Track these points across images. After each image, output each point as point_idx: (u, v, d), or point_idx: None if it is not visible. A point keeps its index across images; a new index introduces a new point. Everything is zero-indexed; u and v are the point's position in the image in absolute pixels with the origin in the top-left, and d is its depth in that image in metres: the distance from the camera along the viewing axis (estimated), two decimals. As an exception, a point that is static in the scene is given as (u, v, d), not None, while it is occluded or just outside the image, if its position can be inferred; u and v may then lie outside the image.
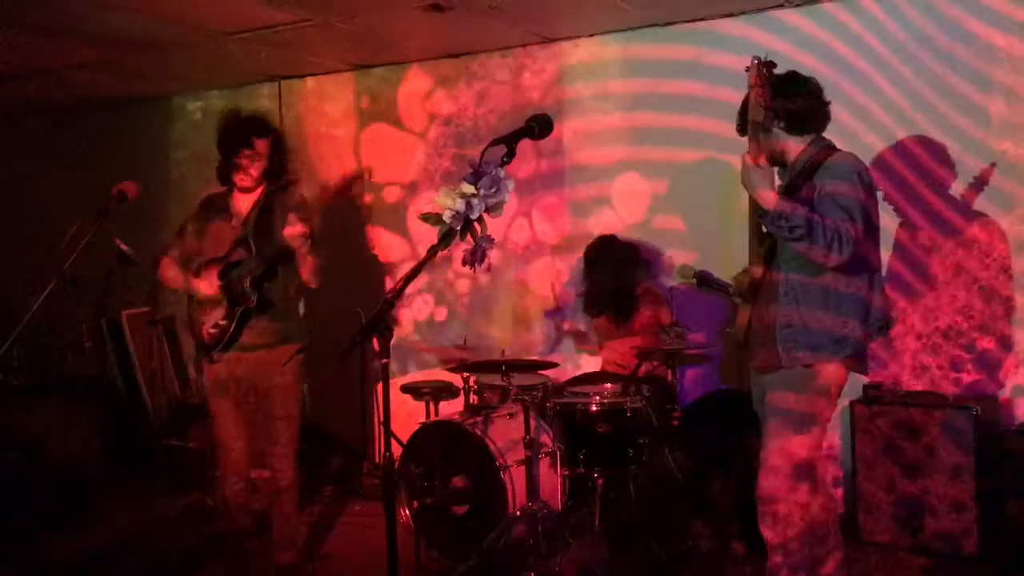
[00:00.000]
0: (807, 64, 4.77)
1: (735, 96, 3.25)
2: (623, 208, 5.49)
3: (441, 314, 6.12)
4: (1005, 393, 4.48)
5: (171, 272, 4.01)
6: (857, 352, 3.15)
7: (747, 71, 2.99)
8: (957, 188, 4.58)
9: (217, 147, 3.97)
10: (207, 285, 3.86)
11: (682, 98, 5.26)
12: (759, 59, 2.95)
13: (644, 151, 5.42)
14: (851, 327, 3.09)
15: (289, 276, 3.90)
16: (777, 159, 3.22)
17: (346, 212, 6.35)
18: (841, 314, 3.08)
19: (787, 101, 3.09)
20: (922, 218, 4.66)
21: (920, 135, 4.65)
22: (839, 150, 3.19)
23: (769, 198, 2.97)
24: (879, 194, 3.70)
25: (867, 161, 3.23)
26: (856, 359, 3.17)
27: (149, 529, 4.96)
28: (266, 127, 3.95)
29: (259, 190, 3.97)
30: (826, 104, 3.22)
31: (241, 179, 3.92)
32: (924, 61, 4.63)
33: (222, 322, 3.84)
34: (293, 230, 3.60)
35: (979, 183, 4.50)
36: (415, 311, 6.18)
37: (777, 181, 3.18)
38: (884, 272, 3.44)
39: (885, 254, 4.37)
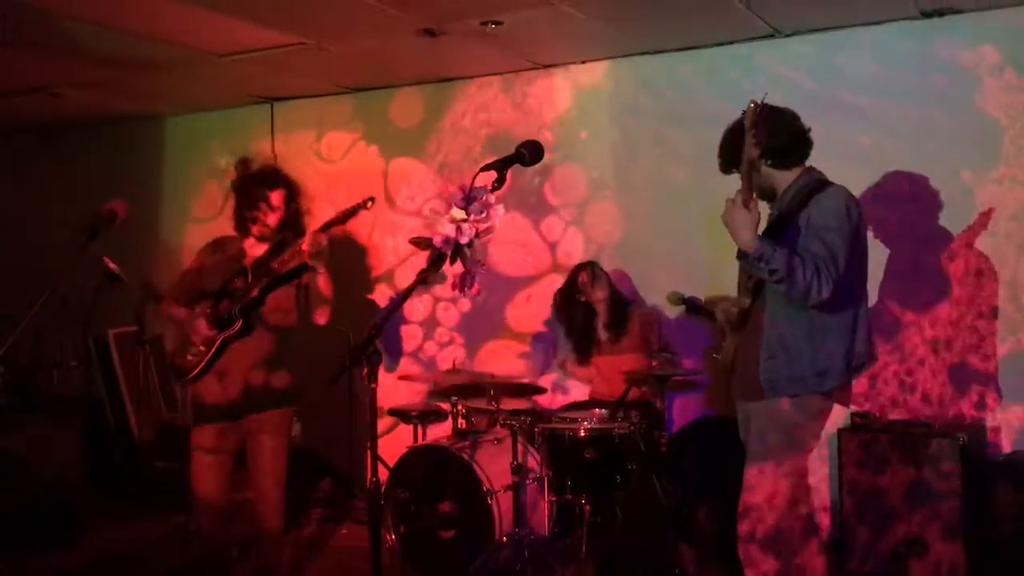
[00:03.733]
0: (797, 93, 4.83)
1: (724, 121, 3.26)
2: (610, 233, 5.51)
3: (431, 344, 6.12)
4: (992, 421, 4.50)
5: (177, 311, 3.99)
6: (839, 385, 3.15)
7: (744, 113, 2.99)
8: (946, 221, 4.62)
9: (235, 198, 3.97)
10: (205, 324, 3.84)
11: (672, 124, 5.29)
12: (756, 102, 2.95)
13: (633, 176, 5.45)
14: (834, 361, 3.09)
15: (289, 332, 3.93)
16: (767, 193, 3.22)
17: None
18: (825, 348, 3.08)
19: (770, 137, 3.08)
20: (910, 251, 4.69)
21: (909, 168, 4.68)
22: (831, 183, 3.18)
23: (749, 241, 2.95)
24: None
25: (856, 193, 3.24)
26: (838, 392, 3.17)
27: (133, 551, 4.92)
28: (279, 179, 3.94)
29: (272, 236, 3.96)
30: (806, 132, 3.23)
31: (258, 230, 3.91)
32: (913, 93, 4.68)
33: (201, 348, 3.84)
34: (317, 238, 3.60)
35: (978, 223, 4.55)
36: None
37: (766, 211, 3.19)
38: (873, 302, 3.45)
39: (873, 285, 4.41)
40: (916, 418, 4.61)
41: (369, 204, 3.63)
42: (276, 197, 3.89)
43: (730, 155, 3.16)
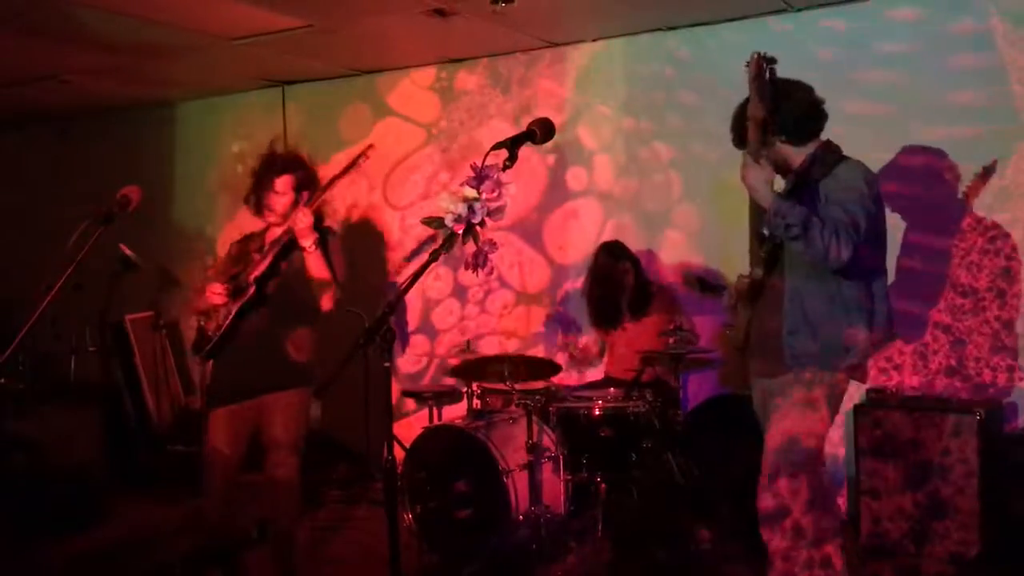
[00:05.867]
0: (811, 68, 4.77)
1: (735, 98, 3.24)
2: (627, 211, 5.49)
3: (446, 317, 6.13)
4: (1009, 397, 4.47)
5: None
6: (860, 361, 3.14)
7: (747, 66, 2.97)
8: (965, 195, 4.57)
9: (252, 182, 4.02)
10: (215, 294, 3.86)
11: (684, 102, 5.27)
12: (759, 53, 2.93)
13: (646, 155, 5.42)
14: (856, 335, 3.08)
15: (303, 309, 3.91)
16: (783, 168, 3.20)
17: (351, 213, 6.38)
18: (846, 322, 3.07)
19: (784, 111, 3.05)
20: (928, 225, 4.65)
21: (928, 140, 4.62)
22: (847, 157, 3.16)
23: (764, 196, 2.96)
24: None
25: (875, 167, 3.21)
26: (858, 367, 3.16)
27: (152, 534, 4.96)
28: (286, 165, 3.95)
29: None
30: (821, 104, 3.20)
31: (269, 216, 3.95)
32: (932, 64, 4.63)
33: (212, 324, 3.86)
34: (296, 215, 3.65)
35: (988, 190, 4.50)
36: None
37: (781, 184, 3.18)
38: (891, 279, 3.43)
39: (891, 261, 4.39)
40: (932, 393, 4.60)
41: (362, 160, 3.64)
42: (281, 183, 3.90)
43: (743, 129, 3.14)
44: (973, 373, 4.56)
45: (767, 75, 2.94)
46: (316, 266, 3.77)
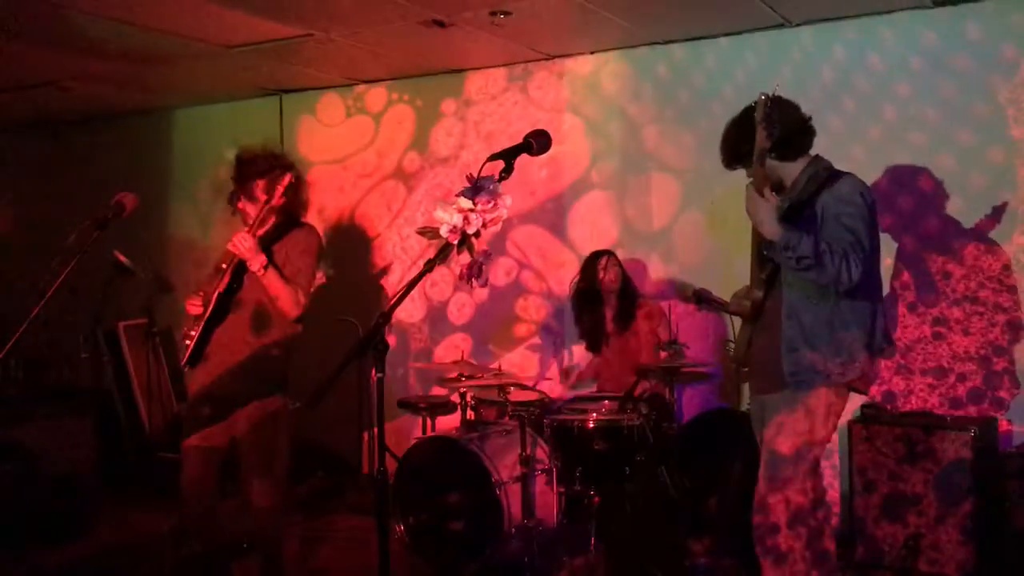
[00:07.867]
0: (807, 83, 4.81)
1: (731, 112, 3.24)
2: (623, 225, 5.49)
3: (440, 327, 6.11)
4: (1004, 415, 4.47)
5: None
6: (860, 374, 3.14)
7: (754, 105, 2.98)
8: (958, 211, 4.58)
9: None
10: (192, 305, 3.82)
11: (681, 117, 5.27)
12: (767, 95, 2.95)
13: (643, 169, 5.42)
14: (855, 349, 3.08)
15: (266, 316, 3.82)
16: (775, 186, 3.21)
17: (342, 220, 6.37)
18: (847, 337, 3.07)
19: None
20: (921, 242, 4.66)
21: (916, 159, 4.64)
22: (841, 172, 3.18)
23: (774, 229, 2.96)
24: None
25: (868, 182, 3.22)
26: (860, 379, 3.16)
27: (142, 543, 4.93)
28: (264, 168, 3.80)
29: (266, 226, 3.83)
30: (808, 121, 3.22)
31: (244, 218, 3.85)
32: (924, 83, 4.65)
33: (192, 333, 3.80)
34: (234, 240, 3.59)
35: (996, 212, 4.50)
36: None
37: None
38: (885, 293, 3.43)
39: (885, 277, 4.37)
40: (927, 410, 4.59)
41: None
42: (259, 188, 3.77)
43: (733, 150, 3.15)
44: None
45: (775, 115, 2.95)
46: (272, 285, 3.69)
